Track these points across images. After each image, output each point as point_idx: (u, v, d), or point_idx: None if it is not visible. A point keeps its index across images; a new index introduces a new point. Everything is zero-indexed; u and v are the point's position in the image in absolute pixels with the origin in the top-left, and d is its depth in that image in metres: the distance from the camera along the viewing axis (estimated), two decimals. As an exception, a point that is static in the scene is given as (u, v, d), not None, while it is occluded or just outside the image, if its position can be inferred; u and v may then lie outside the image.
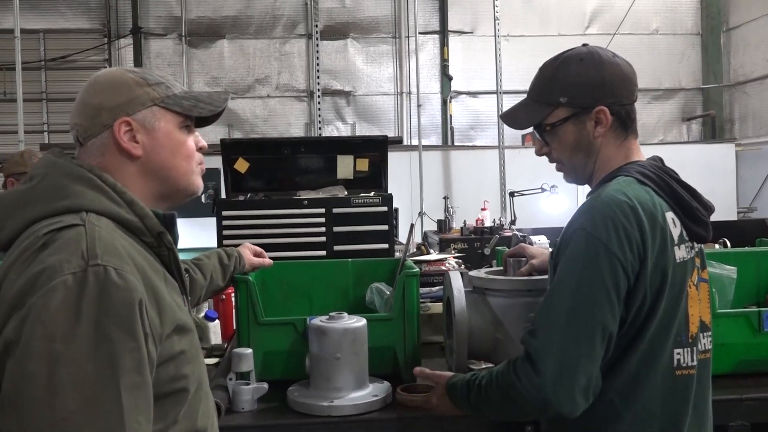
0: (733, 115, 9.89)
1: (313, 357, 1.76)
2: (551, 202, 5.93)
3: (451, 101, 9.57)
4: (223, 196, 3.41)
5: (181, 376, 1.12)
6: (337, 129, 9.52)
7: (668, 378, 1.41)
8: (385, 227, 2.97)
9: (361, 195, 3.05)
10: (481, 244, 5.34)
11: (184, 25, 9.31)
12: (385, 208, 2.99)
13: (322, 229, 2.98)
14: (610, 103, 1.49)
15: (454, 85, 9.59)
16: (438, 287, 2.44)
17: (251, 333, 1.89)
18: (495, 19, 8.04)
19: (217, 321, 2.40)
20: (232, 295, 2.29)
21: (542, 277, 1.82)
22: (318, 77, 8.36)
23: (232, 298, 2.34)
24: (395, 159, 5.13)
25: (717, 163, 8.00)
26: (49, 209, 1.11)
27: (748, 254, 2.42)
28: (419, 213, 7.56)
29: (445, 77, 9.56)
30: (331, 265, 2.32)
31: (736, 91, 9.79)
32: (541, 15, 9.59)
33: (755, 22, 9.24)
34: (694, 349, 1.45)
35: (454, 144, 9.31)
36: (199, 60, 9.41)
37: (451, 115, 9.57)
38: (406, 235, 2.26)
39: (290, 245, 2.91)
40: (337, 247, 2.94)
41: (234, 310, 2.24)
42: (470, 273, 1.95)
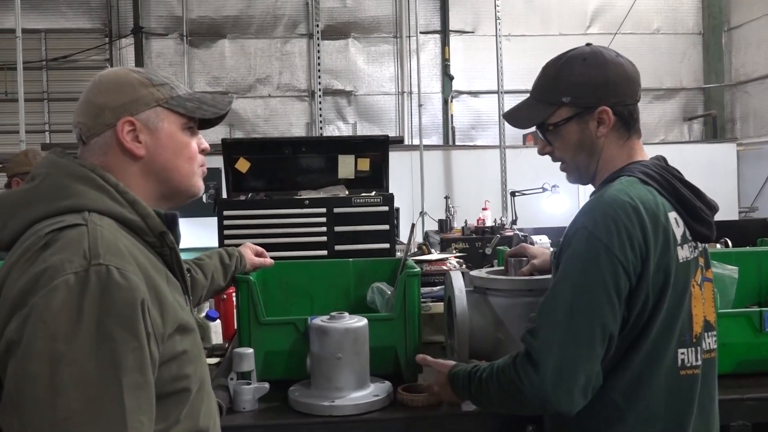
0: (735, 115, 9.88)
1: (314, 357, 1.76)
2: (552, 201, 5.93)
3: (452, 101, 9.57)
4: (225, 195, 3.41)
5: (183, 376, 1.12)
6: (338, 129, 9.52)
7: (672, 378, 1.41)
8: (386, 227, 2.98)
9: (362, 195, 3.05)
10: (482, 244, 5.33)
11: (186, 24, 9.31)
12: (386, 208, 2.99)
13: (323, 229, 2.98)
14: (613, 103, 1.48)
15: (456, 85, 9.58)
16: (439, 287, 2.44)
17: (252, 333, 1.88)
18: (496, 19, 8.04)
19: (218, 321, 2.40)
20: (233, 294, 2.29)
21: (543, 277, 1.82)
22: (319, 77, 8.36)
23: (233, 298, 2.34)
24: (396, 159, 5.13)
25: (718, 162, 8.00)
26: (51, 209, 1.11)
27: (750, 254, 2.42)
28: (420, 213, 7.56)
29: (447, 77, 9.55)
30: (332, 265, 2.32)
31: (738, 91, 9.78)
32: (542, 14, 9.59)
33: (756, 22, 9.23)
34: (699, 348, 1.45)
35: (455, 144, 9.31)
36: (201, 60, 9.41)
37: (452, 115, 9.57)
38: (407, 234, 2.26)
39: (291, 245, 2.92)
40: (338, 247, 2.94)
41: (235, 310, 2.24)
42: (471, 273, 1.95)
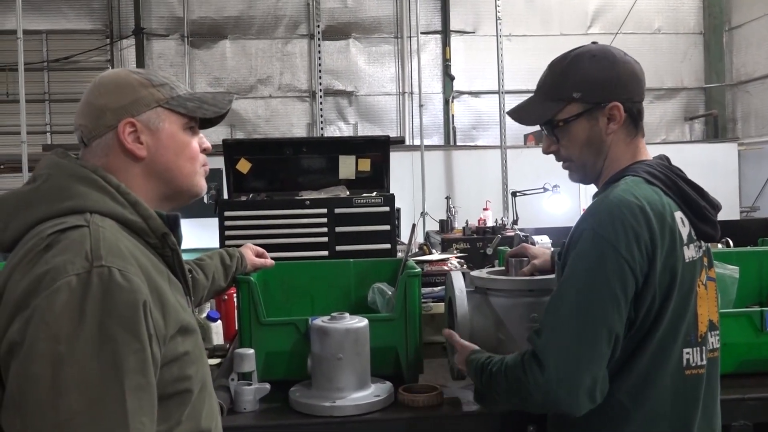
0: (736, 115, 9.87)
1: (314, 357, 1.76)
2: (553, 202, 5.93)
3: (453, 101, 9.57)
4: (226, 196, 3.42)
5: (185, 377, 1.12)
6: (339, 129, 9.52)
7: (678, 378, 1.40)
8: (387, 227, 2.98)
9: (363, 195, 3.05)
10: (483, 244, 5.32)
11: (187, 25, 9.32)
12: (387, 209, 2.99)
13: (324, 230, 2.98)
14: (624, 99, 1.48)
15: (456, 85, 9.58)
16: (440, 287, 2.44)
17: (253, 333, 1.89)
18: (497, 19, 8.03)
19: (219, 321, 2.40)
20: (234, 295, 2.29)
21: (544, 277, 1.82)
22: (320, 77, 8.37)
23: (234, 299, 2.34)
24: (397, 159, 5.13)
25: (719, 162, 7.98)
26: (53, 210, 1.11)
27: (751, 254, 2.42)
28: (421, 213, 7.55)
29: (447, 77, 9.55)
30: (333, 266, 2.32)
31: (739, 91, 9.77)
32: (543, 15, 9.59)
33: (757, 22, 9.22)
34: (704, 348, 1.44)
35: (456, 144, 9.31)
36: (202, 60, 9.42)
37: (453, 115, 9.57)
38: (408, 235, 2.26)
39: (292, 245, 2.92)
40: (339, 248, 2.95)
41: (236, 311, 2.24)
42: (472, 273, 1.95)
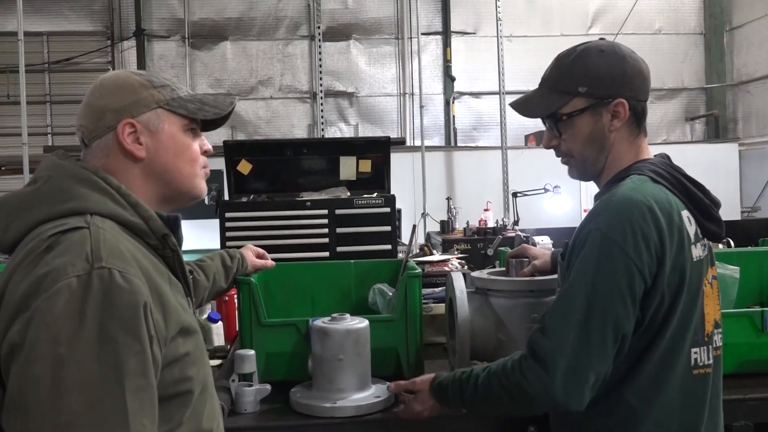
0: (737, 115, 9.87)
1: (315, 358, 1.76)
2: (554, 202, 5.93)
3: (453, 102, 9.57)
4: (226, 197, 3.42)
5: (186, 378, 1.12)
6: (340, 130, 9.53)
7: (686, 378, 1.39)
8: (388, 228, 2.99)
9: (364, 196, 3.05)
10: (484, 245, 5.32)
11: (187, 26, 9.33)
12: (387, 209, 3.00)
13: (325, 231, 2.99)
14: (629, 96, 1.46)
15: (457, 86, 9.59)
16: (440, 288, 2.44)
17: (254, 334, 1.89)
18: (497, 20, 8.03)
19: (220, 322, 2.40)
20: (235, 296, 2.29)
21: (544, 278, 1.82)
22: (321, 78, 8.36)
23: (235, 300, 2.34)
24: (398, 160, 5.14)
25: (720, 162, 7.98)
26: (53, 211, 1.11)
27: (752, 254, 2.42)
28: (422, 214, 7.56)
29: (448, 78, 9.56)
30: (334, 266, 2.31)
31: (740, 91, 9.77)
32: (544, 15, 9.59)
33: (758, 22, 9.22)
34: (710, 347, 1.43)
35: (457, 145, 9.31)
36: (202, 62, 9.43)
37: (453, 116, 9.58)
38: (408, 236, 2.26)
39: (293, 246, 2.93)
40: (339, 249, 2.95)
41: (237, 312, 2.24)
42: (472, 274, 1.95)
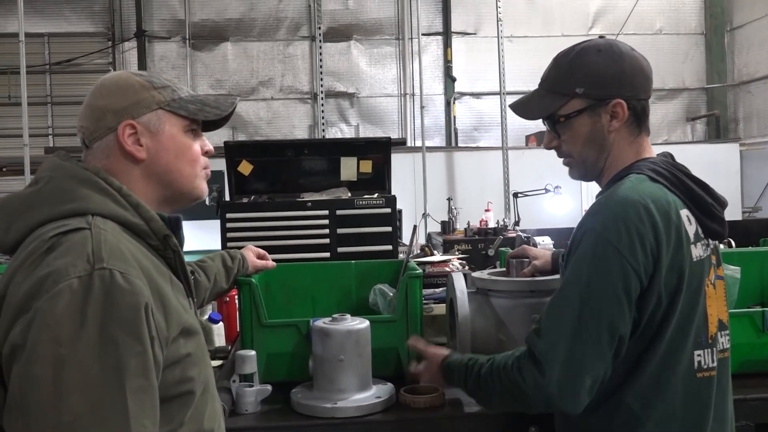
0: (738, 115, 9.86)
1: (316, 359, 1.76)
2: (555, 202, 5.93)
3: (454, 102, 9.57)
4: (227, 198, 3.42)
5: (187, 379, 1.12)
6: (341, 131, 9.53)
7: (689, 381, 1.37)
8: (389, 229, 2.98)
9: (365, 197, 3.05)
10: (485, 245, 5.32)
11: (188, 27, 9.34)
12: (388, 210, 3.00)
13: (326, 231, 2.99)
14: (628, 96, 1.44)
15: (458, 87, 9.59)
16: (441, 288, 2.44)
17: (254, 335, 1.89)
18: (498, 20, 8.03)
19: (221, 323, 2.41)
20: (236, 297, 2.30)
21: (545, 278, 1.82)
22: (321, 79, 8.37)
23: (236, 301, 2.34)
24: (399, 160, 5.14)
25: (721, 162, 7.97)
26: (54, 212, 1.11)
27: (753, 254, 2.41)
28: (423, 214, 7.56)
29: (449, 78, 9.56)
30: (334, 267, 2.32)
31: (741, 91, 9.76)
32: (545, 16, 9.59)
33: (759, 22, 9.22)
34: (714, 349, 1.41)
35: (458, 145, 9.31)
36: (203, 63, 9.44)
37: (454, 117, 9.58)
38: (409, 236, 2.26)
39: (294, 247, 2.93)
40: (340, 249, 2.95)
41: (237, 313, 2.25)
42: (473, 274, 1.95)
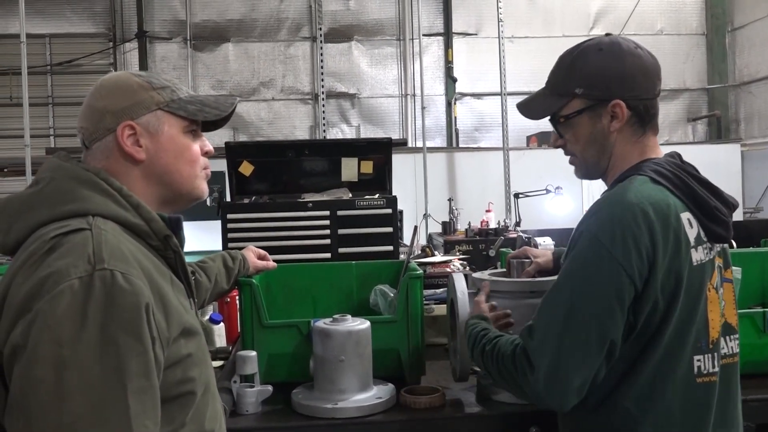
0: (739, 115, 9.86)
1: (317, 359, 1.77)
2: (556, 203, 5.92)
3: (455, 103, 9.58)
4: (228, 199, 3.42)
5: (189, 380, 1.12)
6: (342, 131, 9.53)
7: (688, 386, 1.36)
8: (390, 229, 2.98)
9: (366, 197, 3.05)
10: (486, 246, 5.31)
11: (189, 28, 9.34)
12: (389, 210, 2.99)
13: (327, 232, 2.98)
14: (628, 97, 1.42)
15: (459, 87, 9.59)
16: (442, 289, 2.44)
17: (255, 335, 1.89)
18: (499, 21, 8.03)
19: (222, 324, 2.41)
20: (237, 298, 2.30)
21: (546, 279, 1.82)
22: (322, 80, 8.37)
23: (237, 301, 2.34)
24: (400, 161, 5.13)
25: (722, 163, 7.97)
26: (55, 213, 1.11)
27: (753, 255, 2.42)
28: (424, 215, 7.56)
29: (450, 79, 9.56)
30: (335, 268, 2.32)
31: (742, 91, 9.76)
32: (546, 16, 9.60)
33: (760, 22, 9.22)
34: (715, 354, 1.40)
35: (459, 146, 9.32)
36: (204, 63, 9.44)
37: (455, 117, 9.58)
38: (410, 237, 2.26)
39: (294, 248, 2.92)
40: (341, 250, 2.95)
41: (238, 313, 2.25)
42: (474, 275, 1.95)
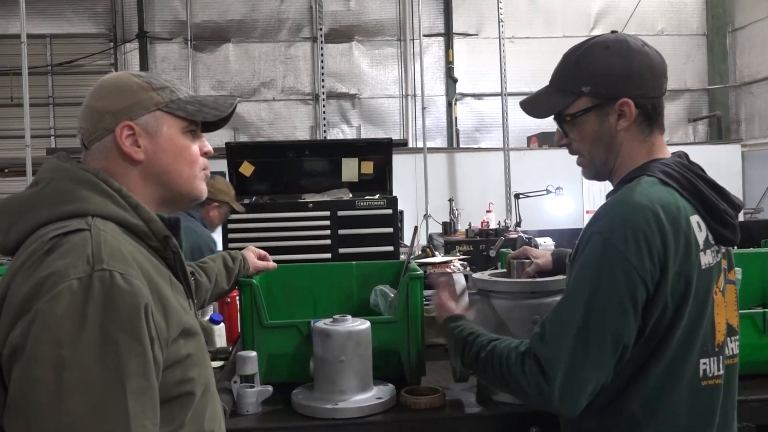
0: (739, 116, 9.86)
1: (317, 360, 1.76)
2: (556, 204, 5.93)
3: (456, 103, 9.58)
4: (229, 199, 3.42)
5: (188, 380, 1.12)
6: (343, 132, 9.54)
7: (694, 389, 1.35)
8: (390, 230, 2.99)
9: (366, 198, 3.06)
10: (486, 246, 5.31)
11: (190, 29, 9.35)
12: (390, 211, 3.00)
13: (327, 232, 2.99)
14: (636, 95, 1.40)
15: (459, 88, 9.59)
16: (442, 290, 2.44)
17: (255, 336, 1.89)
18: (499, 21, 8.02)
19: (222, 324, 2.41)
20: (237, 298, 2.30)
21: (546, 279, 1.82)
22: (323, 80, 8.38)
23: (237, 302, 2.34)
24: (400, 161, 5.14)
25: (723, 163, 7.96)
26: (55, 213, 1.11)
27: (753, 255, 2.42)
28: (424, 215, 7.56)
29: (450, 79, 9.57)
30: (336, 268, 2.32)
31: (742, 92, 9.76)
32: (546, 16, 9.60)
33: (761, 23, 9.22)
34: (721, 357, 1.39)
35: (459, 146, 9.32)
36: (205, 64, 9.45)
37: (456, 118, 9.58)
38: (410, 237, 2.26)
39: (295, 248, 2.93)
40: (342, 250, 2.96)
41: (238, 313, 2.25)
42: (474, 275, 1.95)
